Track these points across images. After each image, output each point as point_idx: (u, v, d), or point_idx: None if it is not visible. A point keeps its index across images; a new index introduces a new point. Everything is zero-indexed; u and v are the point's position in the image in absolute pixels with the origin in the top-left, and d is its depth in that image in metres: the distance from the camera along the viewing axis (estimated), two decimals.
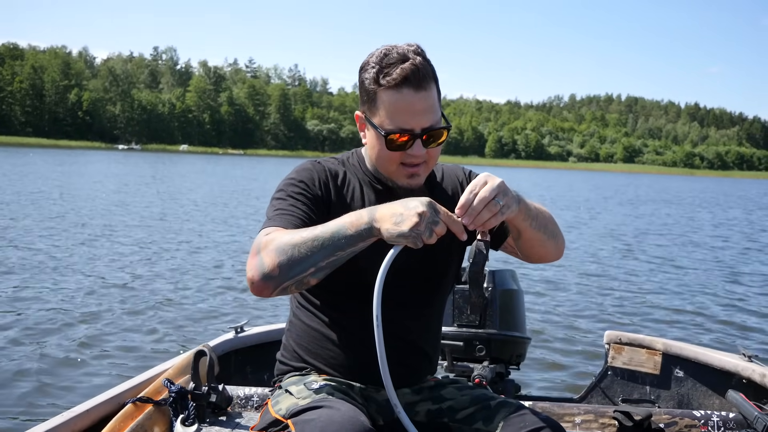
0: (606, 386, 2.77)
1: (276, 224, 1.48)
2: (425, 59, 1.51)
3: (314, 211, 1.54)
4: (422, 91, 1.49)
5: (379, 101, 1.51)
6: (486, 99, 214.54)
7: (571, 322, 6.43)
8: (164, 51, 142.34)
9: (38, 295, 6.37)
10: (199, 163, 56.59)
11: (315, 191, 1.58)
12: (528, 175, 74.00)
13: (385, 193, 1.63)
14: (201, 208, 16.96)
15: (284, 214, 1.51)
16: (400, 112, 1.49)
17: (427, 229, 1.34)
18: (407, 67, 1.47)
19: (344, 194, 1.62)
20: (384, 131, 1.51)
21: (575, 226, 16.82)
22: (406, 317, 1.63)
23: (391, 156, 1.54)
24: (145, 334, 5.33)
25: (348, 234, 1.37)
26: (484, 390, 1.65)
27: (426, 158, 1.55)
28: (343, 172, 1.65)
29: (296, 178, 1.60)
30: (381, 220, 1.36)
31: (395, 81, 1.48)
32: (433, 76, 1.52)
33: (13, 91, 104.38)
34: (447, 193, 1.72)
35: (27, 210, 13.90)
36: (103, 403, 2.01)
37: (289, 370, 1.69)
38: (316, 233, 1.38)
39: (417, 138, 1.51)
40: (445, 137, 1.56)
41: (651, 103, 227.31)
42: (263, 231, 1.48)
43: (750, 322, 6.95)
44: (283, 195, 1.56)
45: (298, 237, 1.38)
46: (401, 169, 1.56)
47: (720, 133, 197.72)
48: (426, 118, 1.51)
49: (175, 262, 8.78)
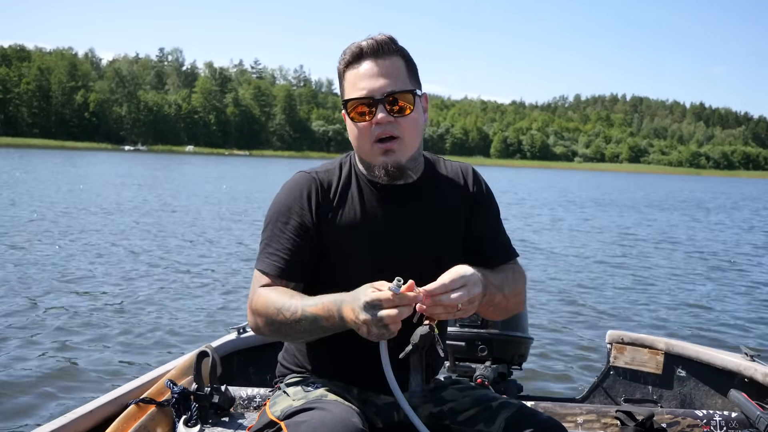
0: (608, 386, 2.77)
1: (266, 269, 1.55)
2: (391, 39, 1.54)
3: (301, 241, 1.56)
4: (380, 59, 1.51)
5: (345, 81, 1.55)
6: (491, 99, 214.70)
7: (573, 321, 6.43)
8: (170, 52, 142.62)
9: (40, 297, 6.38)
10: (205, 164, 56.70)
11: (305, 217, 1.58)
12: (533, 175, 73.86)
13: (380, 192, 1.61)
14: (204, 208, 16.97)
15: (273, 257, 1.56)
16: (359, 80, 1.51)
17: (380, 329, 1.31)
18: (365, 43, 1.52)
19: (340, 203, 1.60)
20: (342, 100, 1.54)
21: (577, 226, 16.80)
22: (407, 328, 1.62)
23: (362, 131, 1.53)
24: (148, 335, 5.35)
25: (323, 326, 1.44)
26: (486, 391, 1.65)
27: (398, 133, 1.52)
28: (337, 178, 1.63)
29: (284, 204, 1.60)
30: (348, 323, 1.39)
31: (354, 55, 1.53)
32: (399, 53, 1.54)
33: (20, 93, 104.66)
34: (450, 189, 1.68)
35: (30, 210, 13.93)
36: (107, 404, 2.01)
37: (289, 372, 1.70)
38: (297, 317, 1.44)
39: (378, 103, 1.50)
40: (412, 106, 1.53)
41: (656, 102, 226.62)
42: (256, 278, 1.56)
43: (752, 321, 6.94)
44: (273, 229, 1.58)
45: (281, 315, 1.46)
46: (375, 147, 1.54)
47: (726, 133, 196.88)
48: (387, 83, 1.50)
49: (177, 262, 8.80)
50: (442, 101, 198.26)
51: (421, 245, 1.60)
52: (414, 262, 1.56)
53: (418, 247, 1.60)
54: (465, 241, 1.67)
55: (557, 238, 13.94)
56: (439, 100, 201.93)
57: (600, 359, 4.81)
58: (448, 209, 1.65)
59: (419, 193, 1.63)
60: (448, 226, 1.65)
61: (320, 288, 1.53)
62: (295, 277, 1.56)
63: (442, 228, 1.64)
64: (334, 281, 1.52)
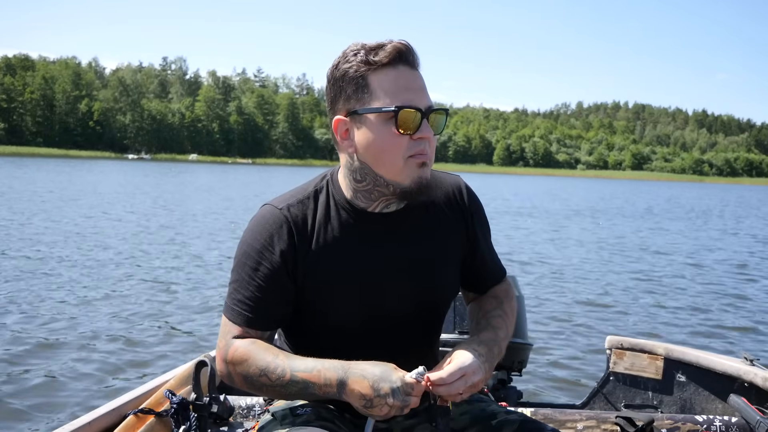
0: (608, 392, 2.77)
1: (237, 321, 1.41)
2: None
3: (274, 286, 1.40)
4: (416, 70, 1.36)
5: (373, 85, 1.33)
6: (493, 107, 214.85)
7: (572, 327, 6.42)
8: (173, 61, 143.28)
9: (38, 307, 6.34)
10: (210, 172, 56.78)
11: (277, 263, 1.39)
12: (536, 182, 73.81)
13: (365, 222, 1.44)
14: (204, 217, 16.96)
15: (245, 307, 1.41)
16: (402, 89, 1.32)
17: (397, 412, 1.27)
18: (398, 45, 1.33)
19: (318, 241, 1.42)
20: (395, 107, 1.31)
21: (577, 233, 16.78)
22: (398, 348, 1.50)
23: (398, 146, 1.33)
24: (146, 344, 5.33)
25: (315, 394, 1.33)
26: (483, 403, 1.58)
27: (430, 152, 1.39)
28: (312, 212, 1.43)
29: (252, 247, 1.41)
30: (350, 396, 1.29)
31: (390, 56, 1.32)
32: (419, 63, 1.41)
33: (24, 102, 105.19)
34: (443, 210, 1.53)
35: (28, 219, 13.97)
36: (105, 414, 1.99)
37: None
38: (284, 382, 1.33)
39: (424, 116, 1.34)
40: (445, 123, 1.42)
41: (658, 110, 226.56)
42: (225, 328, 1.42)
43: (752, 325, 6.94)
44: (242, 274, 1.42)
45: (265, 377, 1.34)
46: (410, 162, 1.35)
47: (729, 140, 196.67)
48: (427, 97, 1.36)
49: (176, 271, 8.79)
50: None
51: (414, 280, 1.46)
52: (406, 305, 1.47)
53: (412, 284, 1.46)
54: (461, 266, 1.57)
55: (556, 245, 13.93)
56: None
57: (599, 365, 4.81)
58: (442, 236, 1.51)
59: (407, 218, 1.47)
60: (442, 255, 1.50)
61: (300, 337, 1.47)
62: (268, 326, 1.42)
63: (437, 259, 1.49)
64: (314, 331, 1.45)
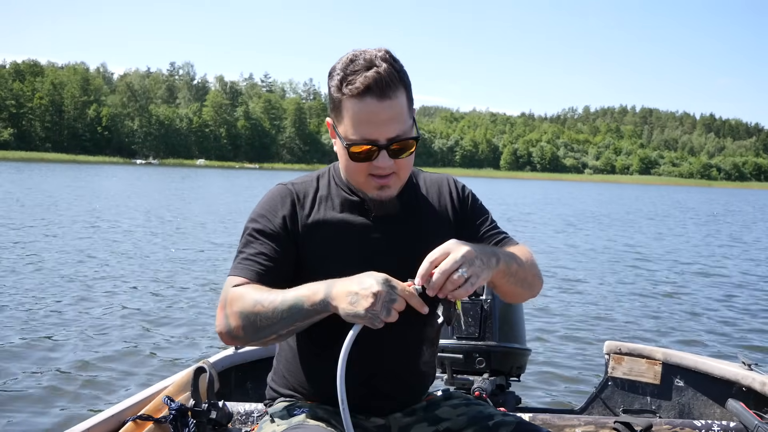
0: (606, 397, 2.77)
1: (240, 274, 1.48)
2: (393, 66, 1.44)
3: (277, 248, 1.51)
4: (386, 100, 1.42)
5: (343, 110, 1.45)
6: (500, 111, 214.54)
7: (570, 333, 6.42)
8: (181, 66, 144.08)
9: (36, 314, 6.35)
10: (218, 177, 56.87)
11: (278, 225, 1.54)
12: (544, 187, 73.63)
13: (361, 203, 1.58)
14: (201, 222, 16.95)
15: (247, 262, 1.49)
16: (363, 123, 1.43)
17: (384, 308, 1.30)
18: (370, 76, 1.40)
19: (316, 213, 1.57)
20: (347, 142, 1.46)
21: (574, 238, 16.73)
22: (397, 347, 1.58)
23: (358, 167, 1.48)
24: (145, 351, 5.34)
25: (304, 309, 1.37)
26: (480, 406, 1.61)
27: (395, 169, 1.49)
28: (314, 189, 1.60)
29: (259, 214, 1.56)
30: (337, 298, 1.33)
31: (358, 90, 1.41)
32: (402, 83, 1.45)
33: (33, 107, 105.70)
34: (431, 204, 1.66)
35: (31, 223, 14.03)
36: (104, 421, 2.00)
37: (277, 395, 1.68)
38: (276, 304, 1.38)
39: (382, 149, 1.45)
40: (414, 148, 1.50)
41: (666, 114, 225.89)
42: (229, 282, 1.47)
43: (750, 330, 6.92)
44: (248, 237, 1.54)
45: (259, 306, 1.39)
46: (370, 181, 1.50)
47: (737, 144, 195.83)
48: (391, 129, 1.44)
49: (174, 277, 8.80)
50: (450, 114, 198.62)
51: (406, 252, 1.54)
52: (398, 270, 1.50)
53: (404, 255, 1.53)
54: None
55: (554, 250, 13.88)
56: (447, 113, 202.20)
57: (598, 370, 4.80)
58: (432, 212, 1.64)
59: (400, 200, 1.60)
60: (433, 228, 1.61)
61: None
62: (267, 280, 1.48)
63: (428, 231, 1.59)
64: None
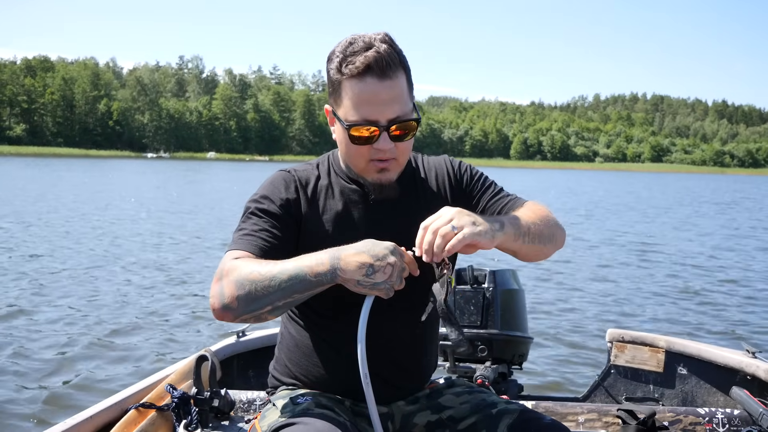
0: (609, 385, 2.76)
1: (240, 248, 1.44)
2: (392, 47, 1.43)
3: (280, 228, 1.50)
4: (387, 80, 1.41)
5: (343, 92, 1.44)
6: (509, 101, 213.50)
7: (573, 320, 6.40)
8: (190, 60, 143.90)
9: (39, 303, 6.40)
10: (229, 170, 57.05)
11: (281, 206, 1.53)
12: (554, 176, 73.28)
13: (361, 192, 1.58)
14: (204, 211, 17.00)
15: (248, 237, 1.46)
16: (364, 103, 1.42)
17: (399, 277, 1.32)
18: (371, 55, 1.40)
19: (318, 201, 1.57)
20: (347, 124, 1.45)
21: (577, 225, 16.65)
22: (399, 334, 1.58)
23: (359, 151, 1.48)
24: (147, 339, 5.38)
25: (307, 279, 1.33)
26: (483, 394, 1.61)
27: (395, 153, 1.48)
28: (315, 177, 1.60)
29: (262, 194, 1.55)
30: (347, 269, 1.31)
31: (358, 69, 1.40)
32: (401, 65, 1.44)
33: (45, 103, 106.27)
34: (432, 187, 1.65)
35: (36, 219, 14.07)
36: (107, 409, 2.02)
37: (280, 384, 1.69)
38: (274, 273, 1.33)
39: (383, 130, 1.44)
40: (415, 130, 1.49)
41: (677, 101, 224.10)
42: (228, 254, 1.44)
43: (754, 318, 6.88)
44: (249, 214, 1.52)
45: (256, 273, 1.34)
46: (371, 165, 1.50)
47: (750, 130, 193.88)
48: (392, 109, 1.43)
49: (176, 266, 8.86)
50: (460, 103, 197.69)
51: (405, 235, 1.50)
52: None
53: (403, 237, 1.50)
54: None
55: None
56: (456, 102, 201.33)
57: (600, 358, 4.79)
58: (432, 195, 1.63)
59: (400, 184, 1.59)
60: (433, 211, 1.53)
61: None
62: (266, 253, 1.45)
63: (428, 214, 1.52)
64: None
